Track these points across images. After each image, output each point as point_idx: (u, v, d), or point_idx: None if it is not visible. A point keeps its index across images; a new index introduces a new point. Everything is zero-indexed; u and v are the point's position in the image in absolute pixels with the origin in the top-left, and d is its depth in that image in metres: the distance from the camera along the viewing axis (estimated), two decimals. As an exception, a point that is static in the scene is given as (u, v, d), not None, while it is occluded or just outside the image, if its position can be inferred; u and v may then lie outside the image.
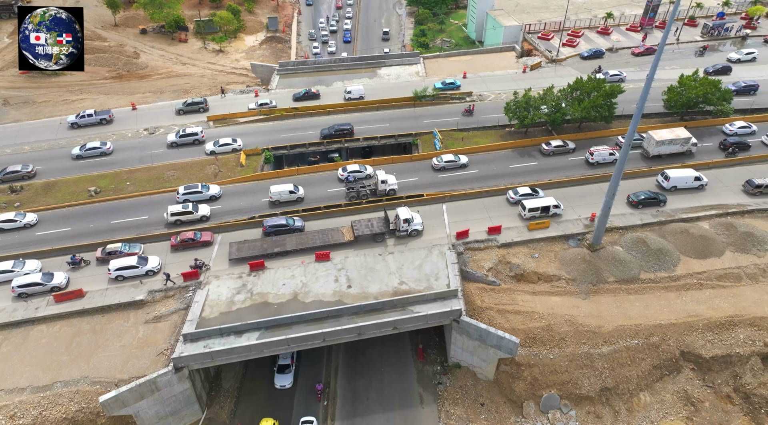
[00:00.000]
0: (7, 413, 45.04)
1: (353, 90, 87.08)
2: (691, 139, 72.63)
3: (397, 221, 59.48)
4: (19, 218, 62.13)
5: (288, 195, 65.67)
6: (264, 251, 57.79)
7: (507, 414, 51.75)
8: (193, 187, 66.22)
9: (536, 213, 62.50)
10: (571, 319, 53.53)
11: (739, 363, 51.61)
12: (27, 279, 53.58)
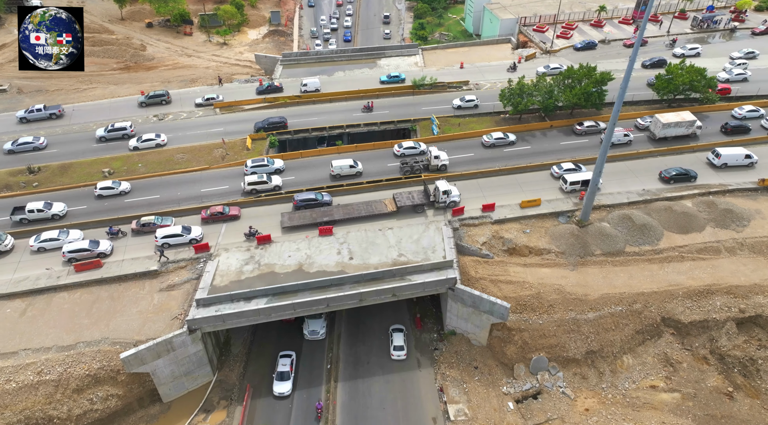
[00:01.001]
0: (34, 369, 48.52)
1: (309, 83, 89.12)
2: (695, 122, 76.11)
3: (436, 192, 63.35)
4: (115, 186, 66.90)
5: (348, 169, 69.97)
6: (314, 220, 62.04)
7: (499, 375, 55.22)
8: (260, 161, 70.72)
9: (577, 186, 66.55)
10: (559, 288, 57.02)
11: (716, 327, 55.10)
12: (76, 245, 57.57)
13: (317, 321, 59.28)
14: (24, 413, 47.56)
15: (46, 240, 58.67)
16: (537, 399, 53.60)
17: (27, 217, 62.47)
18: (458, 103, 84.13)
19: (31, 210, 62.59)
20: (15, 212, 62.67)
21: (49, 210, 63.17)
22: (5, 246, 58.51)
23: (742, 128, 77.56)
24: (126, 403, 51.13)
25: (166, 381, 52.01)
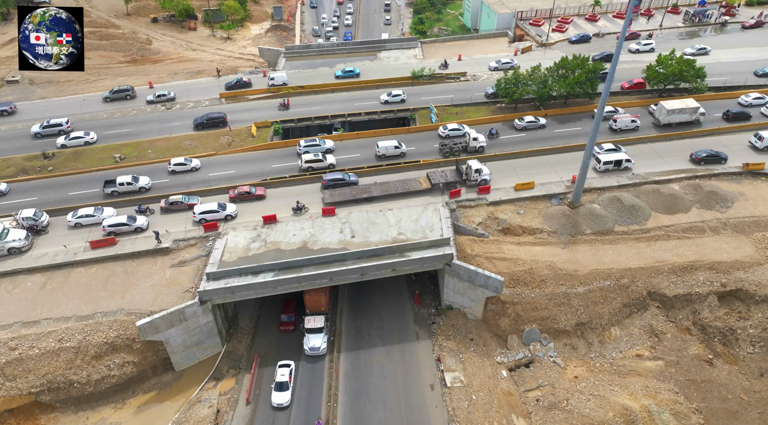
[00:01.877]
0: (56, 337, 51.55)
1: (276, 77, 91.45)
2: (699, 108, 78.95)
3: (468, 171, 66.99)
4: (187, 162, 71.09)
5: (393, 150, 73.57)
6: (353, 197, 65.80)
7: (493, 346, 58.23)
8: (312, 141, 74.73)
9: (609, 166, 70.13)
10: (551, 264, 60.01)
11: (698, 300, 58.09)
12: (116, 220, 61.07)
13: (318, 336, 57.86)
14: (47, 377, 50.66)
15: (82, 216, 62.37)
16: (529, 367, 56.60)
17: (117, 189, 66.83)
18: (385, 99, 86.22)
19: (121, 183, 66.90)
20: (107, 184, 67.10)
21: (136, 183, 67.43)
22: (42, 223, 61.80)
23: (744, 115, 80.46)
24: (141, 370, 54.19)
25: (178, 350, 55.01)
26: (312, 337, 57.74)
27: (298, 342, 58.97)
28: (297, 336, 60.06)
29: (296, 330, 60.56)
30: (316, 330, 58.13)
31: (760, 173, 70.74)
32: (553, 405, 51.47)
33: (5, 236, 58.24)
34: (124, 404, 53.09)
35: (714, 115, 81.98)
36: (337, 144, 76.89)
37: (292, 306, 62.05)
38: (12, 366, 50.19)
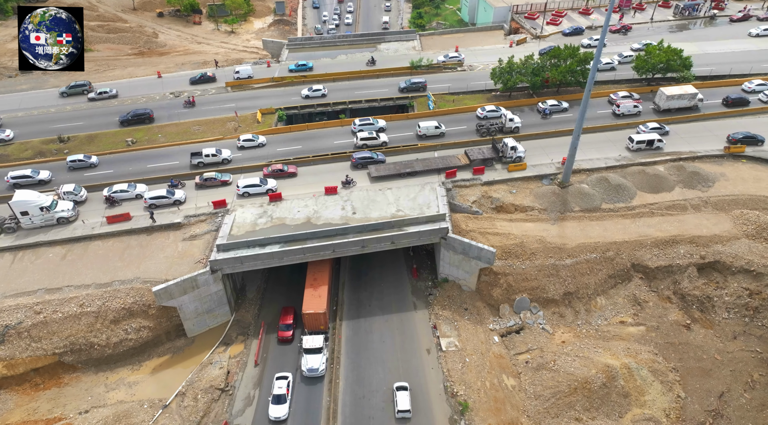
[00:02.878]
0: (77, 303, 55.25)
1: (241, 70, 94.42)
2: (697, 94, 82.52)
3: (504, 148, 71.35)
4: (254, 139, 76.76)
5: (433, 130, 78.13)
6: (398, 171, 70.32)
7: (486, 315, 61.91)
8: (366, 120, 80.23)
9: (642, 145, 74.09)
10: (541, 238, 63.69)
11: (679, 272, 61.73)
12: (156, 193, 65.69)
13: (316, 356, 55.44)
14: (69, 339, 54.39)
15: (117, 191, 66.79)
16: (519, 334, 60.27)
17: (203, 161, 72.57)
18: (305, 94, 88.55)
19: (207, 155, 72.63)
20: (193, 156, 72.77)
21: (220, 155, 72.94)
22: (81, 197, 66.68)
23: (743, 100, 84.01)
24: (156, 335, 57.87)
25: (190, 317, 58.69)
26: (310, 358, 55.10)
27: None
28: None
29: (295, 339, 59.48)
30: (314, 351, 55.79)
31: (741, 155, 74.38)
32: (541, 366, 55.15)
33: (55, 207, 62.69)
34: (140, 366, 56.77)
35: (709, 101, 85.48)
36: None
37: (291, 315, 61.09)
38: (37, 329, 53.90)
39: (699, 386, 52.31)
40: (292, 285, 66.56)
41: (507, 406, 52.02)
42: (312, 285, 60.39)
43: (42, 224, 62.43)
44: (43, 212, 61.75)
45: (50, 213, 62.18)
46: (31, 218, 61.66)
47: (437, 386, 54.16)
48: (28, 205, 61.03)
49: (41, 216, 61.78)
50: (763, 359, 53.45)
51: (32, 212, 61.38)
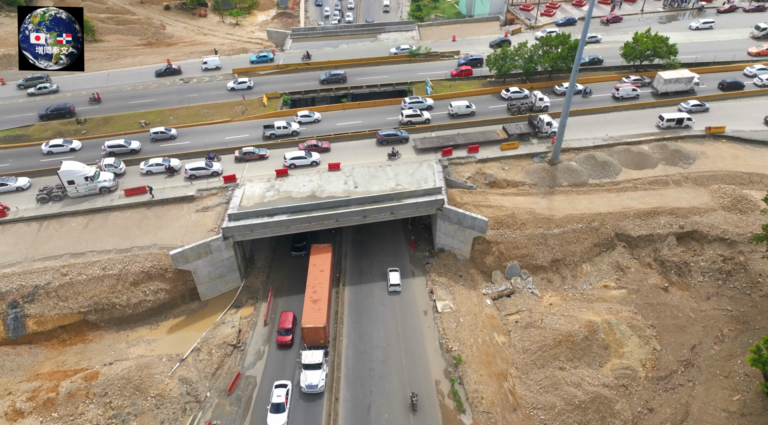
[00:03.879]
0: (100, 266, 59.67)
1: (209, 61, 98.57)
2: (693, 78, 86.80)
3: (540, 123, 76.86)
4: (311, 115, 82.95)
5: (465, 109, 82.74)
6: (441, 144, 75.20)
7: (479, 281, 66.31)
8: (416, 98, 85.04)
9: (672, 123, 78.42)
10: (531, 210, 68.08)
11: (659, 240, 66.09)
12: (195, 164, 70.79)
13: (316, 372, 53.74)
14: (93, 299, 58.82)
15: (152, 165, 71.83)
16: (510, 297, 64.63)
17: (275, 132, 78.21)
18: (231, 86, 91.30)
19: (278, 127, 78.36)
20: (266, 128, 78.40)
21: (290, 128, 78.60)
22: (120, 170, 71.80)
23: (737, 84, 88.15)
24: (172, 297, 62.28)
25: (204, 281, 63.08)
26: (309, 374, 53.44)
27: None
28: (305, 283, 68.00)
29: (294, 344, 58.60)
30: (313, 366, 54.27)
31: (721, 135, 78.70)
32: (530, 325, 59.51)
33: (97, 177, 67.60)
34: (158, 325, 61.19)
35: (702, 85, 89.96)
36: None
37: (290, 319, 60.08)
38: (64, 289, 58.34)
39: (673, 340, 56.69)
40: (297, 257, 70.90)
41: (497, 359, 56.44)
42: (311, 297, 59.10)
43: (86, 193, 67.38)
44: (87, 182, 66.76)
45: (93, 183, 67.12)
46: (76, 187, 66.56)
47: (433, 343, 58.55)
48: (74, 175, 65.92)
49: (86, 185, 66.76)
50: (732, 316, 57.79)
51: (78, 181, 66.34)
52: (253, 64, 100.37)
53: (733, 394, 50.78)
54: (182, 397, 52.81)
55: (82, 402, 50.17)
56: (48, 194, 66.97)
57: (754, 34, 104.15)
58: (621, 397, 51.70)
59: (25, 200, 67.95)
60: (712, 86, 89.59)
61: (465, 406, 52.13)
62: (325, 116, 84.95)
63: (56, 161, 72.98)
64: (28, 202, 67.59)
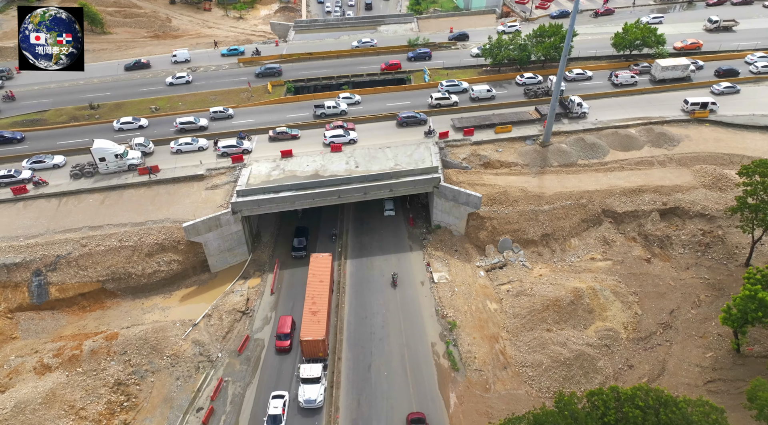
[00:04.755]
0: (117, 238, 63.59)
1: (179, 54, 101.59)
2: (689, 65, 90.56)
3: (571, 104, 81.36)
4: (352, 97, 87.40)
5: (485, 93, 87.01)
6: (477, 123, 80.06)
7: (474, 254, 70.19)
8: (452, 82, 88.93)
9: (696, 107, 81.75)
10: (522, 188, 71.94)
11: (644, 216, 69.92)
12: (227, 142, 75.32)
13: (314, 386, 52.46)
14: (110, 269, 62.75)
15: (182, 144, 76.09)
16: (502, 269, 68.50)
17: (325, 111, 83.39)
18: (170, 81, 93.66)
19: (328, 106, 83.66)
20: (317, 108, 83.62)
21: (339, 107, 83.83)
22: (149, 149, 76.10)
23: (732, 71, 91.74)
24: (184, 268, 66.19)
25: (214, 253, 66.98)
26: (307, 388, 52.25)
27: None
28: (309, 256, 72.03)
29: (293, 348, 58.05)
30: (312, 381, 52.91)
31: (705, 119, 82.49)
32: (520, 293, 63.41)
33: (126, 155, 71.71)
34: (171, 294, 65.11)
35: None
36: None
37: (288, 323, 59.62)
38: (83, 259, 62.27)
39: (654, 305, 60.56)
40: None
41: (489, 324, 60.34)
42: (310, 309, 57.76)
43: (116, 169, 71.54)
44: (117, 159, 70.94)
45: (123, 160, 71.30)
46: (107, 164, 70.77)
47: (430, 310, 62.48)
48: (105, 152, 70.20)
49: (116, 162, 70.97)
50: (709, 284, 61.63)
51: (108, 158, 70.56)
52: (224, 56, 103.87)
53: (706, 352, 54.67)
54: (195, 357, 56.77)
55: (104, 359, 54.13)
56: (80, 171, 71.32)
57: (707, 27, 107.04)
58: (603, 355, 55.61)
59: (60, 176, 72.34)
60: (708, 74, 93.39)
61: (459, 365, 56.03)
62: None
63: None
64: (63, 178, 71.94)
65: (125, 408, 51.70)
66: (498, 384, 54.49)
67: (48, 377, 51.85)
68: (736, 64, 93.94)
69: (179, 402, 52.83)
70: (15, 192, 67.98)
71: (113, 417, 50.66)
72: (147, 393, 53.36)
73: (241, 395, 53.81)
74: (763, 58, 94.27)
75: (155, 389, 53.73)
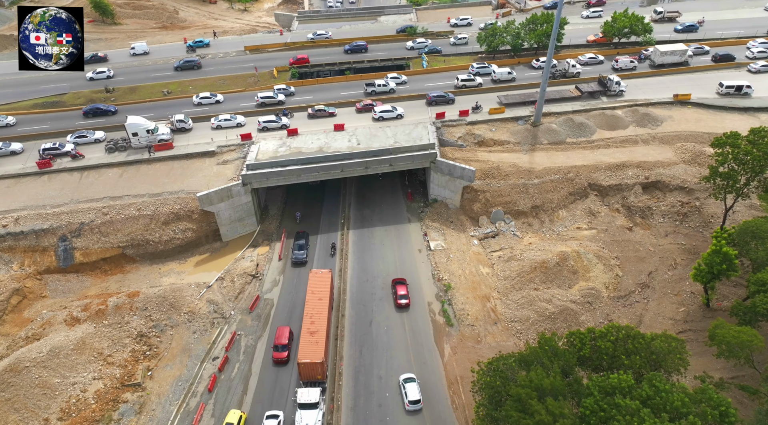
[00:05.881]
0: (135, 207, 68.43)
1: (137, 46, 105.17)
2: (687, 51, 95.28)
3: (610, 83, 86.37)
4: (399, 77, 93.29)
5: (506, 75, 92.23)
6: (522, 100, 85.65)
7: (468, 225, 75.00)
8: (482, 64, 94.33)
9: (731, 90, 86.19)
10: (514, 164, 76.72)
11: (627, 189, 74.71)
12: (267, 118, 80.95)
13: (312, 412, 49.72)
14: (130, 235, 67.62)
15: (221, 120, 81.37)
16: (494, 238, 73.29)
17: (375, 89, 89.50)
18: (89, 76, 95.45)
19: (379, 84, 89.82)
20: (367, 85, 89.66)
21: (388, 85, 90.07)
22: (188, 125, 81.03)
23: (729, 57, 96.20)
24: (197, 236, 71.01)
25: (225, 223, 71.80)
26: (305, 414, 49.45)
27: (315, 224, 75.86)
28: (314, 226, 76.78)
29: (290, 360, 56.27)
30: (310, 406, 50.17)
31: (687, 102, 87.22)
32: (510, 258, 68.27)
33: (157, 131, 76.68)
34: (185, 261, 69.96)
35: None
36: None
37: (285, 334, 57.52)
38: (105, 226, 67.11)
39: (634, 268, 65.39)
40: (306, 208, 79.55)
41: (482, 286, 65.20)
42: (308, 329, 55.11)
43: (147, 144, 76.22)
44: (148, 134, 75.83)
45: (153, 135, 76.18)
46: (139, 138, 75.72)
47: (427, 274, 67.32)
48: (138, 127, 75.28)
49: (147, 137, 75.83)
50: (685, 249, 66.44)
51: (141, 133, 75.51)
52: (190, 47, 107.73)
53: (679, 307, 59.52)
54: (210, 314, 61.67)
55: (127, 313, 59.05)
56: (114, 145, 76.29)
57: (653, 18, 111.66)
58: (586, 311, 60.46)
59: (97, 150, 77.41)
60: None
61: (453, 321, 60.90)
62: (329, 86, 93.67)
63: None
64: (99, 152, 76.99)
65: (148, 356, 56.62)
66: (489, 337, 59.34)
67: (78, 328, 56.75)
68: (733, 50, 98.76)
69: (196, 352, 57.74)
70: (40, 166, 72.78)
71: (137, 364, 55.56)
72: (167, 344, 58.27)
73: (253, 346, 58.71)
74: (764, 43, 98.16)
75: (174, 341, 58.63)
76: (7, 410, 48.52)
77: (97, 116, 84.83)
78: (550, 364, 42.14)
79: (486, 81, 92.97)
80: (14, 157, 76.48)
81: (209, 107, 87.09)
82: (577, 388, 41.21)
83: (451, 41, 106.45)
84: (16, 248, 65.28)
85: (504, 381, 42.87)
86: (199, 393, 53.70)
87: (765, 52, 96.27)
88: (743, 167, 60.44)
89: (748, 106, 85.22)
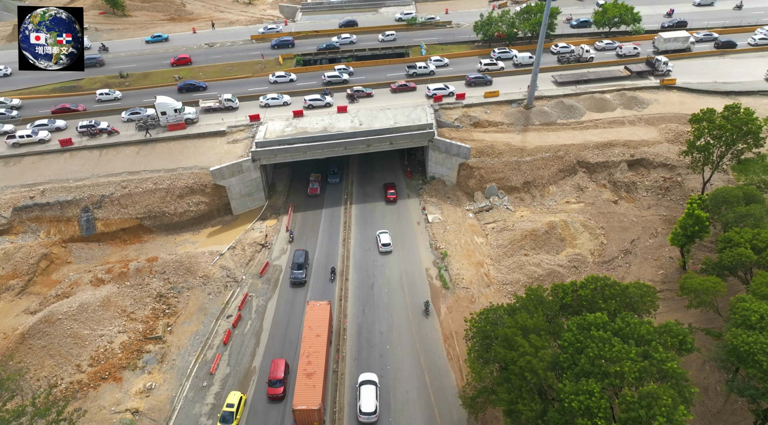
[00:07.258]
0: (152, 181, 73.21)
1: (103, 44, 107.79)
2: (689, 38, 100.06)
3: (658, 63, 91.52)
4: (428, 65, 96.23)
5: (528, 60, 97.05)
6: (576, 79, 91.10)
7: (464, 200, 79.71)
8: (504, 49, 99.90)
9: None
10: (507, 143, 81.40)
11: (613, 166, 79.38)
12: (313, 97, 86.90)
13: None
14: (147, 207, 72.35)
15: (269, 99, 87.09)
16: (488, 212, 77.97)
17: (417, 71, 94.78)
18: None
19: (420, 67, 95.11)
20: (409, 68, 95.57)
21: (428, 68, 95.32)
22: (235, 104, 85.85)
23: (731, 43, 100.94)
24: (210, 209, 75.74)
25: (236, 197, 76.51)
26: None
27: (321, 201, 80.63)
28: (319, 201, 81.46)
29: (286, 396, 52.37)
30: None
31: (673, 86, 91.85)
32: (503, 229, 72.99)
33: (183, 110, 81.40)
34: (199, 232, 74.70)
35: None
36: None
37: (281, 368, 53.40)
38: (124, 198, 71.85)
39: (618, 237, 70.12)
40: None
41: (476, 253, 69.95)
42: (305, 370, 50.55)
43: (174, 122, 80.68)
44: (176, 114, 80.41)
45: (181, 115, 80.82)
46: (167, 117, 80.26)
47: (425, 243, 72.07)
48: (166, 106, 79.88)
49: (174, 116, 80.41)
50: (666, 219, 71.14)
51: (169, 112, 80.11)
52: (148, 43, 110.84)
53: (658, 270, 64.25)
54: (223, 278, 66.44)
55: (147, 276, 63.83)
56: (144, 123, 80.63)
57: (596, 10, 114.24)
58: (572, 274, 65.16)
59: (130, 127, 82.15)
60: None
61: (449, 284, 65.62)
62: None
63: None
64: (131, 129, 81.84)
65: (167, 314, 61.41)
66: (482, 298, 64.07)
67: (102, 288, 61.56)
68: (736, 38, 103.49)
69: (212, 311, 62.54)
70: (62, 144, 77.50)
71: (158, 320, 60.36)
72: (184, 303, 63.06)
73: (263, 306, 63.50)
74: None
75: (191, 301, 63.43)
76: (43, 356, 53.33)
77: (190, 91, 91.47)
78: (534, 310, 46.82)
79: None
80: (59, 133, 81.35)
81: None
82: (558, 330, 45.90)
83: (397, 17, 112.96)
84: (42, 218, 70.03)
85: (493, 326, 47.58)
86: (215, 346, 58.51)
87: (766, 38, 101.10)
88: (717, 141, 65.10)
89: (730, 90, 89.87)
